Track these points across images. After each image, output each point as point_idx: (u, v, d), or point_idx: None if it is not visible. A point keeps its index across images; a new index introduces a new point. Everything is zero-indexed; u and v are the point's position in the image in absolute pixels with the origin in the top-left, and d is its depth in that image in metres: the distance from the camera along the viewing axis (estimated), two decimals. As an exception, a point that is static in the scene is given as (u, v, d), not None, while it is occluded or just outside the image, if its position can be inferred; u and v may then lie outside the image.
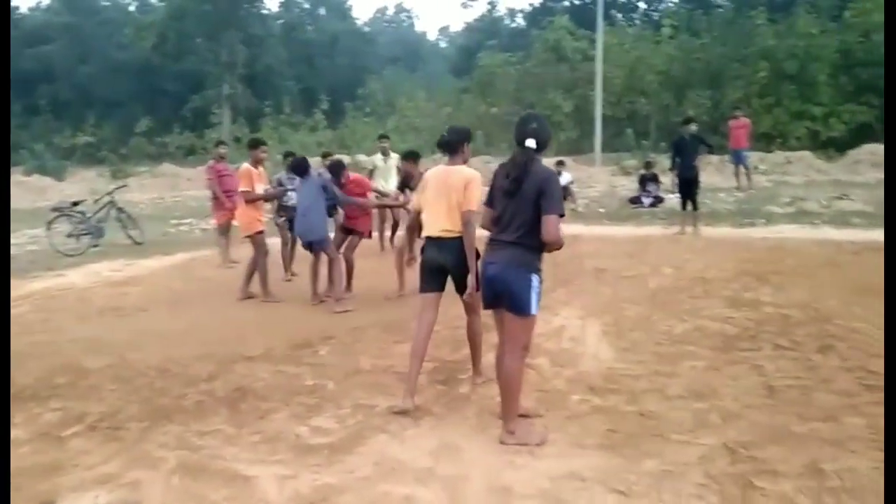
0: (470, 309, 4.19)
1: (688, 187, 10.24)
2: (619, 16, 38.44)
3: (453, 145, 4.13)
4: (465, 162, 4.16)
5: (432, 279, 4.12)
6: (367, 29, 59.93)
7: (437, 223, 4.05)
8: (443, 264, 4.05)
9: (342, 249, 7.10)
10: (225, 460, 3.40)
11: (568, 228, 6.95)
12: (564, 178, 12.78)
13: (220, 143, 10.45)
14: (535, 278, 3.38)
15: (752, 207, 12.28)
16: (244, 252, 9.75)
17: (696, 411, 3.81)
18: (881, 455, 3.20)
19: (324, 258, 6.90)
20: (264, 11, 45.02)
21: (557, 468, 3.18)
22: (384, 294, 7.06)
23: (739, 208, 12.33)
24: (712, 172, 16.59)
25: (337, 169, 7.16)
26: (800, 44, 23.28)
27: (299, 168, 7.02)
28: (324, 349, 5.23)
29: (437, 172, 4.16)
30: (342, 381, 4.46)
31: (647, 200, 14.00)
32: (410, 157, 7.38)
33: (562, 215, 3.35)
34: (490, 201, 3.57)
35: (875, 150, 19.31)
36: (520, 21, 50.41)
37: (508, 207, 3.42)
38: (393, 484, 3.11)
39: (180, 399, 4.24)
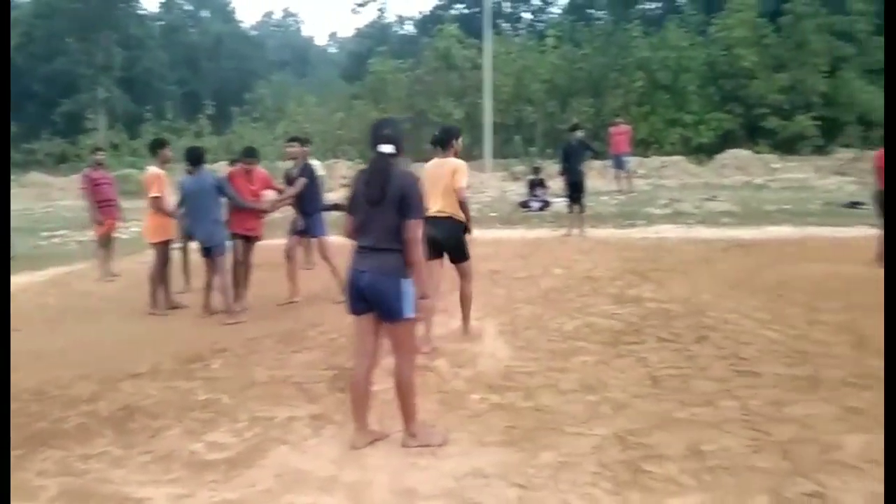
0: (464, 274, 5.25)
1: (575, 191, 10.69)
2: (506, 25, 39.53)
3: (444, 141, 5.17)
4: (455, 155, 5.16)
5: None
6: (253, 32, 58.36)
7: (433, 205, 4.87)
8: (437, 238, 4.87)
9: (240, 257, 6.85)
10: (113, 483, 3.22)
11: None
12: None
13: (96, 149, 9.84)
14: (405, 283, 3.34)
15: (633, 209, 12.99)
16: (125, 265, 9.27)
17: (589, 403, 3.99)
18: (754, 433, 3.49)
19: (221, 266, 6.55)
20: (142, 12, 42.87)
21: (460, 467, 3.24)
22: (277, 303, 6.92)
23: (621, 210, 13.01)
24: (595, 177, 17.36)
25: (195, 156, 6.68)
26: (672, 56, 24.88)
27: (194, 156, 6.66)
28: (216, 362, 5.05)
29: (433, 164, 5.19)
30: (237, 394, 4.33)
31: (535, 204, 14.48)
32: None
33: (423, 219, 3.40)
34: (351, 209, 3.50)
35: (738, 155, 20.99)
36: (409, 28, 50.79)
37: (372, 214, 3.36)
38: (296, 494, 3.06)
39: (60, 422, 3.97)
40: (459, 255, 5.19)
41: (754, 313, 5.80)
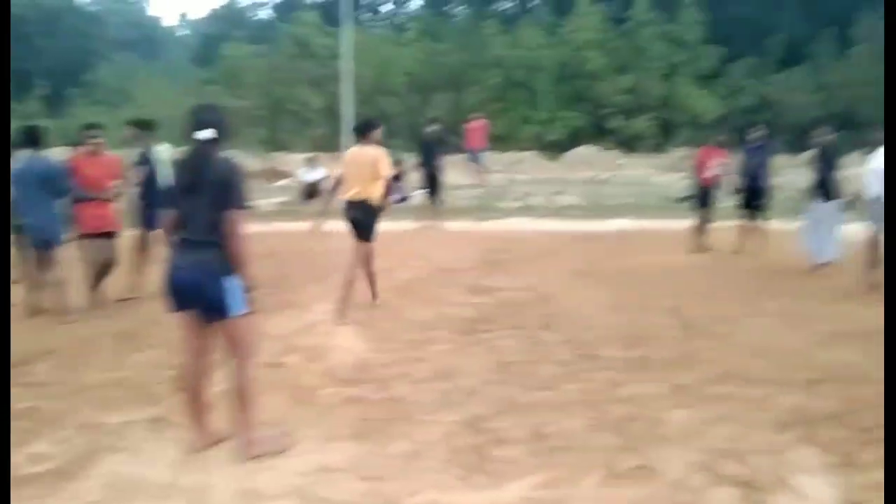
0: (369, 252, 5.88)
1: (433, 184, 10.82)
2: (366, 16, 39.23)
3: (363, 131, 5.81)
4: (376, 144, 5.76)
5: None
6: (93, 9, 53.75)
7: (352, 189, 5.70)
8: (353, 218, 5.74)
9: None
10: None
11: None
12: (318, 174, 12.83)
13: None
14: (229, 279, 3.07)
15: (488, 203, 13.40)
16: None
17: (441, 391, 4.06)
18: (592, 413, 3.71)
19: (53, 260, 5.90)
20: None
21: (307, 464, 3.17)
22: (116, 298, 6.44)
23: (478, 204, 13.37)
24: (454, 171, 17.73)
25: (33, 137, 5.91)
26: (526, 55, 25.87)
27: (31, 136, 5.84)
28: (42, 366, 4.61)
29: (352, 152, 5.88)
30: (65, 400, 3.97)
31: (395, 198, 14.50)
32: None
33: (246, 209, 3.14)
34: (173, 200, 3.27)
35: (586, 151, 22.23)
36: (266, 13, 48.99)
37: (192, 204, 3.11)
38: (128, 503, 2.86)
39: None
40: (367, 236, 5.82)
41: (596, 300, 6.18)
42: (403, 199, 14.28)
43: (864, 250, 6.43)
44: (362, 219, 5.76)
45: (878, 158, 6.08)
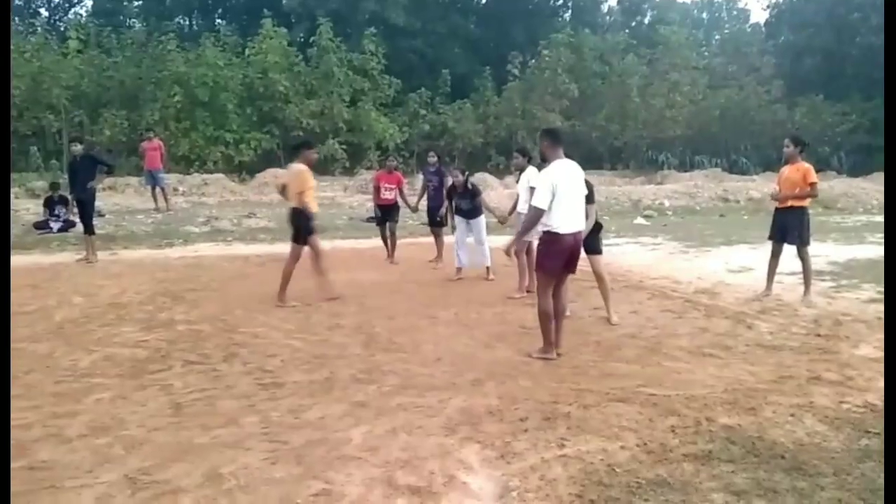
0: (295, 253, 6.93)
1: (83, 209, 9.61)
2: (17, 20, 33.93)
3: (296, 150, 7.24)
4: (307, 162, 6.88)
5: None
6: None
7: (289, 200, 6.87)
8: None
9: None
10: None
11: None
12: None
13: None
14: None
15: (171, 228, 12.42)
16: None
17: (98, 447, 3.54)
18: (272, 445, 3.54)
19: None
20: None
21: None
22: None
23: (158, 229, 12.31)
24: (131, 194, 16.18)
25: None
26: (209, 73, 24.69)
27: None
28: None
29: (291, 167, 7.06)
30: None
31: (55, 225, 12.69)
32: None
33: None
34: None
35: (277, 173, 21.97)
36: None
37: None
38: None
39: None
40: (296, 238, 6.88)
41: (282, 325, 6.03)
42: (67, 226, 12.56)
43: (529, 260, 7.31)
44: (293, 222, 6.94)
45: (526, 180, 7.11)
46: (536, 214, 4.85)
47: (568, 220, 4.85)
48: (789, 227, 7.05)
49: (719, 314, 6.51)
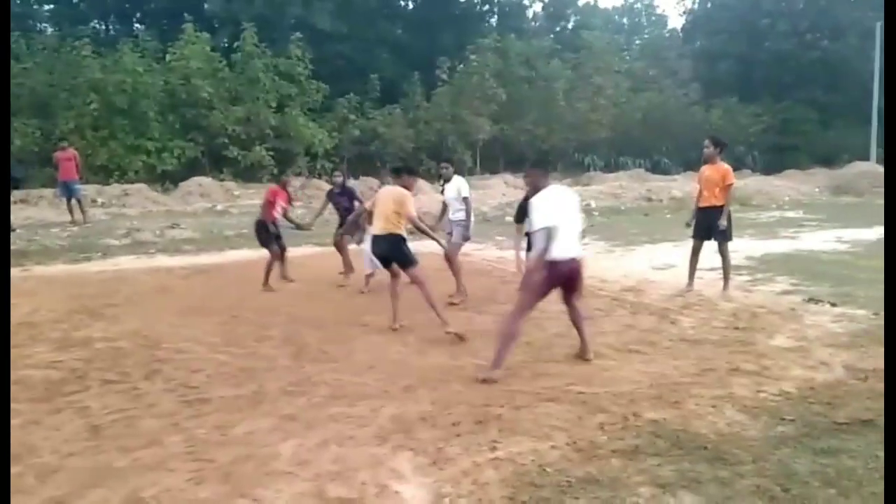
0: None
1: None
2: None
3: (397, 173, 6.39)
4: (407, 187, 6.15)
5: None
6: None
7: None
8: None
9: None
10: None
11: None
12: None
13: None
14: None
15: (89, 241, 11.86)
16: None
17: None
18: (197, 464, 3.42)
19: None
20: None
21: None
22: None
23: (74, 243, 11.73)
24: (45, 207, 15.40)
25: None
26: (128, 80, 23.78)
27: None
28: None
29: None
30: None
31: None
32: None
33: None
34: None
35: (202, 182, 21.42)
36: None
37: None
38: None
39: None
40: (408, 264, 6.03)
41: (208, 338, 5.84)
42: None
43: (450, 264, 7.32)
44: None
45: (455, 189, 7.41)
46: (548, 233, 4.56)
47: (563, 246, 4.67)
48: (713, 224, 7.30)
49: (644, 311, 6.69)
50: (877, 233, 13.08)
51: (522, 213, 6.58)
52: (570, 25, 46.66)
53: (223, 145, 25.17)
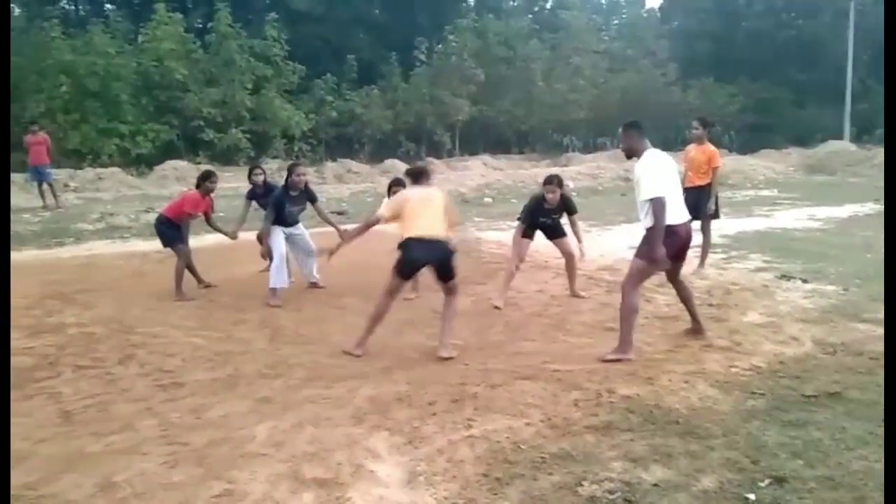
0: None
1: None
2: None
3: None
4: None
5: None
6: None
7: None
8: None
9: None
10: None
11: None
12: None
13: None
14: None
15: (61, 226, 11.65)
16: None
17: (-23, 465, 3.28)
18: (171, 448, 3.40)
19: None
20: None
21: None
22: None
23: (47, 228, 11.51)
24: (16, 192, 15.06)
25: None
26: (99, 62, 23.31)
27: None
28: None
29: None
30: None
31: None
32: None
33: None
34: None
35: (178, 166, 21.12)
36: None
37: None
38: None
39: None
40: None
41: (183, 322, 5.79)
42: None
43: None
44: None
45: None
46: (662, 203, 4.46)
47: (676, 210, 4.60)
48: (699, 204, 7.29)
49: (620, 289, 6.73)
50: (848, 210, 13.30)
51: (529, 214, 6.38)
52: (548, 5, 46.49)
53: (199, 128, 24.82)
